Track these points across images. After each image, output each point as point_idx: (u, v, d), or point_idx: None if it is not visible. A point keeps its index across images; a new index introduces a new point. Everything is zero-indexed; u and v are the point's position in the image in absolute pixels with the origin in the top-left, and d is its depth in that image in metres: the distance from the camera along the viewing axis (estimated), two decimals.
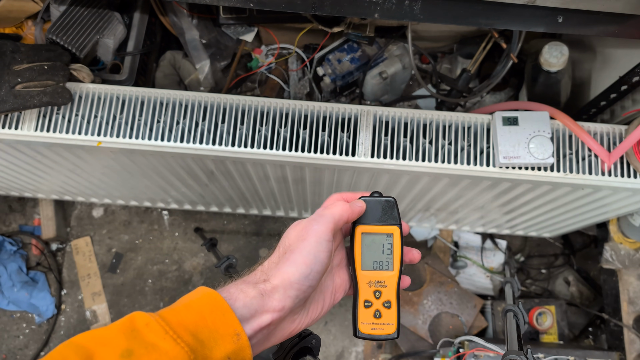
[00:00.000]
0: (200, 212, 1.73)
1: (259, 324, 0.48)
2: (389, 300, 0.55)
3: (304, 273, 0.49)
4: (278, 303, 0.48)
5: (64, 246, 1.73)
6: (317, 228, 0.51)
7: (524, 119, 0.96)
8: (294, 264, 0.49)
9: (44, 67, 0.94)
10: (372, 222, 0.56)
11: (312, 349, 0.57)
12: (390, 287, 0.55)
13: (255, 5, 0.81)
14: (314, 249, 0.50)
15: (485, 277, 1.67)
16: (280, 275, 0.49)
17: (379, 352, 1.61)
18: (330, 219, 0.52)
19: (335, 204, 0.53)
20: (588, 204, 1.14)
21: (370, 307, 0.55)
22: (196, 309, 0.46)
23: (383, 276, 0.55)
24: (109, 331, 0.44)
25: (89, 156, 1.07)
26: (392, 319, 0.55)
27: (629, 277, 1.42)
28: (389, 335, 0.55)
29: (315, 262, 0.50)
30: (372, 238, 0.56)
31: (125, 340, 0.43)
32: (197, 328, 0.45)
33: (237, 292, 0.48)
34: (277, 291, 0.48)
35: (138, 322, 0.44)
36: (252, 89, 1.41)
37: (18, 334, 1.66)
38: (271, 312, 0.48)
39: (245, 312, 0.47)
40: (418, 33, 1.28)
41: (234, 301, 0.47)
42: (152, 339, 0.43)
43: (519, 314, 0.94)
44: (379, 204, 0.56)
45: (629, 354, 1.39)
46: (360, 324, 0.55)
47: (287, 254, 0.50)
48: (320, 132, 0.97)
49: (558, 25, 0.81)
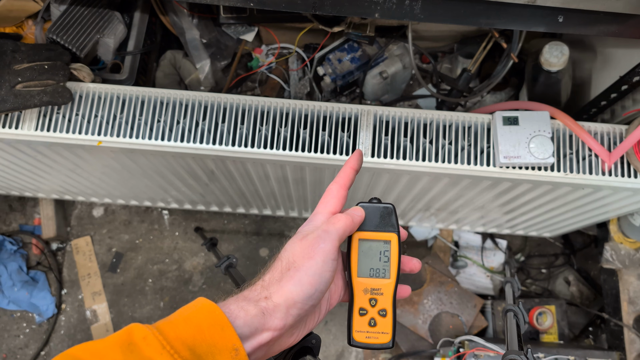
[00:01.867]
0: (201, 211, 1.73)
1: (259, 342, 0.47)
2: (384, 308, 0.54)
3: (308, 293, 0.48)
4: (279, 322, 0.47)
5: (64, 246, 1.73)
6: (324, 247, 0.49)
7: (524, 119, 0.96)
8: (299, 283, 0.48)
9: (44, 67, 0.94)
10: (369, 228, 0.55)
11: (312, 348, 0.57)
12: (386, 295, 0.54)
13: (256, 5, 0.81)
14: (319, 269, 0.49)
15: (486, 276, 1.67)
16: (284, 294, 0.48)
17: (379, 352, 1.61)
18: (336, 236, 0.51)
19: (338, 217, 0.52)
20: (588, 203, 1.14)
21: (365, 315, 0.54)
22: (195, 323, 0.45)
23: (379, 284, 0.54)
24: (105, 344, 0.43)
25: (89, 156, 1.07)
26: (387, 327, 0.54)
27: (629, 276, 1.42)
28: (384, 345, 0.54)
29: (321, 282, 0.49)
30: (369, 245, 0.55)
31: (121, 354, 0.42)
32: (195, 342, 0.44)
33: (238, 309, 0.47)
34: (279, 310, 0.47)
35: (135, 336, 0.44)
36: (253, 89, 1.41)
37: (18, 333, 1.66)
38: (272, 330, 0.47)
39: (245, 331, 0.46)
40: (418, 33, 1.28)
41: (235, 319, 0.46)
42: (148, 353, 0.42)
43: (519, 314, 0.94)
44: (377, 210, 0.55)
45: (629, 354, 1.39)
46: (354, 332, 0.54)
47: (292, 272, 0.49)
48: (320, 131, 0.97)
49: (559, 25, 0.81)
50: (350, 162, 0.57)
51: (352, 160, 0.57)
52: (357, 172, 0.57)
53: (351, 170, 0.57)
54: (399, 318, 1.50)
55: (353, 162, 0.57)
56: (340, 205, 0.55)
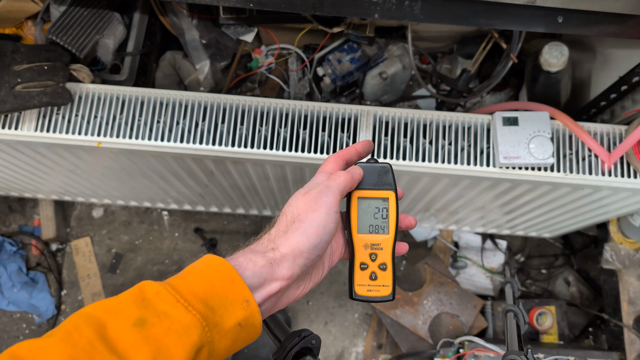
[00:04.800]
0: (200, 212, 1.73)
1: (268, 292, 0.49)
2: (384, 262, 0.56)
3: (313, 243, 0.50)
4: (287, 271, 0.49)
5: (63, 247, 1.73)
6: (327, 200, 0.51)
7: (524, 119, 0.96)
8: (304, 234, 0.50)
9: (43, 68, 0.94)
10: (368, 187, 0.57)
11: (312, 349, 0.57)
12: (385, 250, 0.56)
13: (255, 6, 0.81)
14: (323, 220, 0.51)
15: (486, 277, 1.67)
16: (290, 244, 0.50)
17: (379, 353, 1.61)
18: (337, 190, 0.52)
19: (338, 174, 0.54)
20: (588, 204, 1.14)
21: (366, 269, 0.56)
22: (205, 277, 0.46)
23: (379, 239, 0.56)
24: (119, 301, 0.44)
25: (88, 156, 1.07)
26: (387, 281, 0.56)
27: (629, 277, 1.42)
28: (385, 297, 0.56)
29: (325, 232, 0.51)
30: (368, 202, 0.57)
31: (137, 309, 0.43)
32: (207, 295, 0.45)
33: (246, 261, 0.49)
34: (286, 260, 0.49)
35: (148, 291, 0.45)
36: (252, 89, 1.41)
37: (18, 334, 1.66)
38: (280, 280, 0.49)
39: (254, 281, 0.48)
40: (418, 33, 1.28)
41: (243, 270, 0.48)
42: (163, 307, 0.43)
43: (519, 314, 0.94)
44: (375, 169, 0.57)
45: (629, 354, 1.39)
46: (356, 286, 0.56)
47: (297, 224, 0.51)
48: (320, 132, 0.97)
49: (558, 26, 0.81)
50: (357, 144, 0.59)
51: (359, 143, 0.59)
52: (359, 155, 0.59)
53: (354, 149, 0.58)
54: (398, 319, 1.50)
55: (359, 144, 0.59)
56: (338, 169, 0.56)
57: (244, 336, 0.47)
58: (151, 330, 0.42)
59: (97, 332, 0.41)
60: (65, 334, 0.40)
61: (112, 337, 0.41)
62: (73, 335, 0.40)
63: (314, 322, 1.65)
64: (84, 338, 0.40)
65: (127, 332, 0.41)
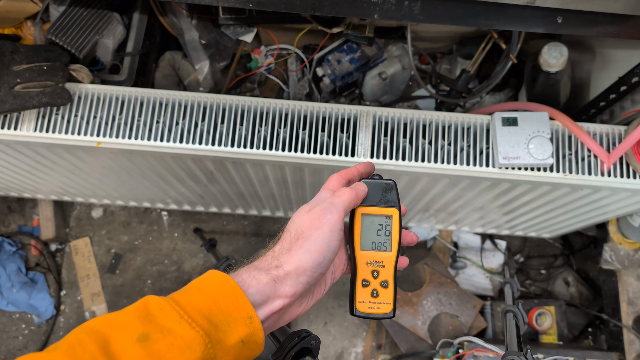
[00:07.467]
0: (200, 212, 1.73)
1: (271, 310, 0.49)
2: (386, 280, 0.56)
3: (317, 261, 0.50)
4: (290, 289, 0.49)
5: (63, 247, 1.73)
6: (331, 217, 0.51)
7: (523, 120, 0.96)
8: (308, 252, 0.50)
9: (43, 68, 0.94)
10: (372, 203, 0.57)
11: (312, 349, 0.57)
12: (388, 267, 0.56)
13: (255, 6, 0.81)
14: (327, 238, 0.51)
15: (485, 277, 1.67)
16: (293, 262, 0.50)
17: (379, 353, 1.61)
18: (341, 208, 0.53)
19: (342, 191, 0.54)
20: (587, 204, 1.14)
21: (367, 286, 0.56)
22: (209, 293, 0.46)
23: (381, 257, 0.56)
24: (123, 315, 0.44)
25: (88, 157, 1.07)
26: (388, 298, 0.56)
27: (628, 277, 1.42)
28: (386, 314, 0.56)
29: (328, 250, 0.51)
30: (371, 219, 0.57)
31: (140, 324, 0.43)
32: (211, 312, 0.45)
33: (250, 278, 0.49)
34: (290, 277, 0.49)
35: (152, 307, 0.45)
36: (252, 90, 1.41)
37: (17, 334, 1.66)
38: (283, 297, 0.49)
39: (257, 299, 0.48)
40: (417, 34, 1.28)
41: (247, 287, 0.48)
42: (167, 323, 0.43)
43: (519, 315, 0.94)
44: (379, 186, 0.57)
45: (629, 355, 1.39)
46: (357, 303, 0.56)
47: (300, 241, 0.51)
48: (319, 132, 0.97)
49: (557, 26, 0.81)
50: (359, 165, 0.60)
51: (361, 164, 0.60)
52: (360, 176, 0.59)
53: (356, 170, 0.59)
54: (398, 319, 1.50)
55: (361, 165, 0.60)
56: (341, 187, 0.56)
57: (246, 353, 0.47)
58: (154, 346, 0.42)
59: (100, 347, 0.41)
60: (68, 348, 0.40)
61: (115, 352, 0.41)
62: (76, 349, 0.40)
63: (313, 323, 1.65)
64: (87, 352, 0.40)
65: (130, 348, 0.41)
